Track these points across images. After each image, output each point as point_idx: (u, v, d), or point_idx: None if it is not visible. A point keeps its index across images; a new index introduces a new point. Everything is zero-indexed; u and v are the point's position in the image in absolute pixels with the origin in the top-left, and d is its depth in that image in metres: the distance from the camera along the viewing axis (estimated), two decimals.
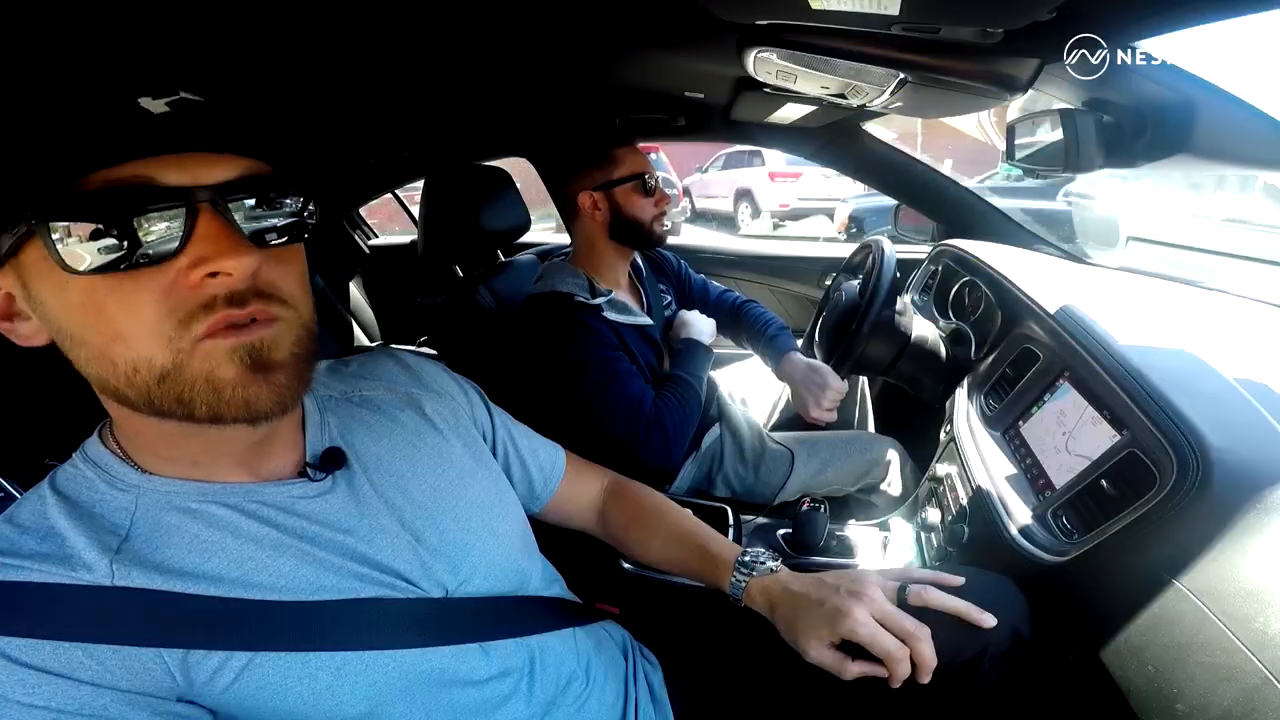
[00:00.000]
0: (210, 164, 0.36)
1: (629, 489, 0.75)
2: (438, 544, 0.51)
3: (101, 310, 0.34)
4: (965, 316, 1.22)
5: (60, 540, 0.39)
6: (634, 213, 1.13)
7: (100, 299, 0.34)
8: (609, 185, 1.12)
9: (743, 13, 0.77)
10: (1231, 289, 1.07)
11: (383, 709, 0.45)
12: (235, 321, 0.36)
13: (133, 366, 0.35)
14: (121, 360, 0.35)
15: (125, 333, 0.35)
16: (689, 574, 0.67)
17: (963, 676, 0.58)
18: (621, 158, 1.14)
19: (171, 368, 0.35)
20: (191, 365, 0.36)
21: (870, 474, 1.22)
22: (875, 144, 1.53)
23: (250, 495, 0.44)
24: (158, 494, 0.41)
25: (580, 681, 0.59)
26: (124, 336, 0.35)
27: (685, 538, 0.68)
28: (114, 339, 0.35)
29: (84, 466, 0.42)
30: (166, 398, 0.36)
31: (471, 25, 0.92)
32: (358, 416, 0.53)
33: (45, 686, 0.34)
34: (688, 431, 1.08)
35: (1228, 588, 0.48)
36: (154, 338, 0.35)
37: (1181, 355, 0.75)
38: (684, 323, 1.23)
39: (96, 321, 0.35)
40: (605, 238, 1.15)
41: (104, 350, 0.35)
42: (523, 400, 0.90)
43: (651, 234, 1.16)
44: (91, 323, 0.35)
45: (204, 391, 0.36)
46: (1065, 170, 0.89)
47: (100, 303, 0.34)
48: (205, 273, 0.35)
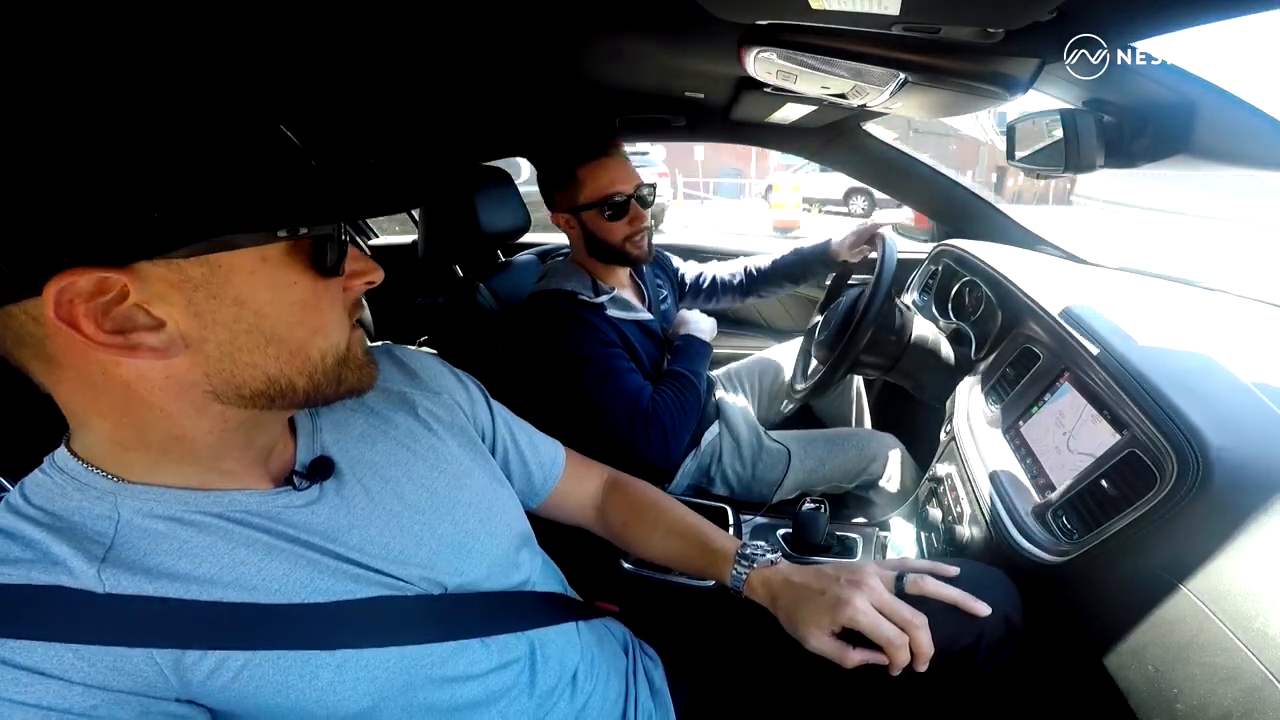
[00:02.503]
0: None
1: (628, 484, 0.76)
2: (434, 546, 0.51)
3: (318, 305, 0.41)
4: (965, 316, 1.22)
5: (44, 548, 0.38)
6: (604, 236, 1.10)
7: (320, 294, 0.41)
8: (575, 209, 1.09)
9: (743, 12, 0.77)
10: (1231, 289, 1.07)
11: (385, 704, 0.45)
12: (359, 315, 0.47)
13: (323, 354, 0.42)
14: (317, 350, 0.42)
15: (328, 324, 0.42)
16: (689, 568, 0.68)
17: (958, 665, 0.58)
18: (585, 179, 1.07)
19: (345, 351, 0.44)
20: (351, 347, 0.45)
21: (868, 470, 1.22)
22: (875, 144, 1.53)
23: (235, 504, 0.44)
24: (137, 500, 0.41)
25: (582, 675, 0.59)
26: (326, 327, 0.42)
27: (685, 532, 0.69)
28: (317, 331, 0.42)
29: (53, 474, 0.41)
30: (330, 376, 0.43)
31: (470, 23, 0.92)
32: (351, 421, 0.53)
33: (38, 686, 0.34)
34: (687, 428, 1.09)
35: (1228, 587, 0.48)
36: (340, 326, 0.44)
37: (1181, 355, 0.75)
38: (683, 320, 1.24)
39: (310, 316, 0.41)
40: (587, 254, 1.15)
41: (303, 344, 0.41)
42: (523, 397, 0.90)
43: (626, 255, 1.12)
44: (305, 318, 0.41)
45: (355, 366, 0.45)
46: (1065, 170, 0.89)
47: (319, 297, 0.41)
48: (366, 280, 0.45)
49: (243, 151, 0.36)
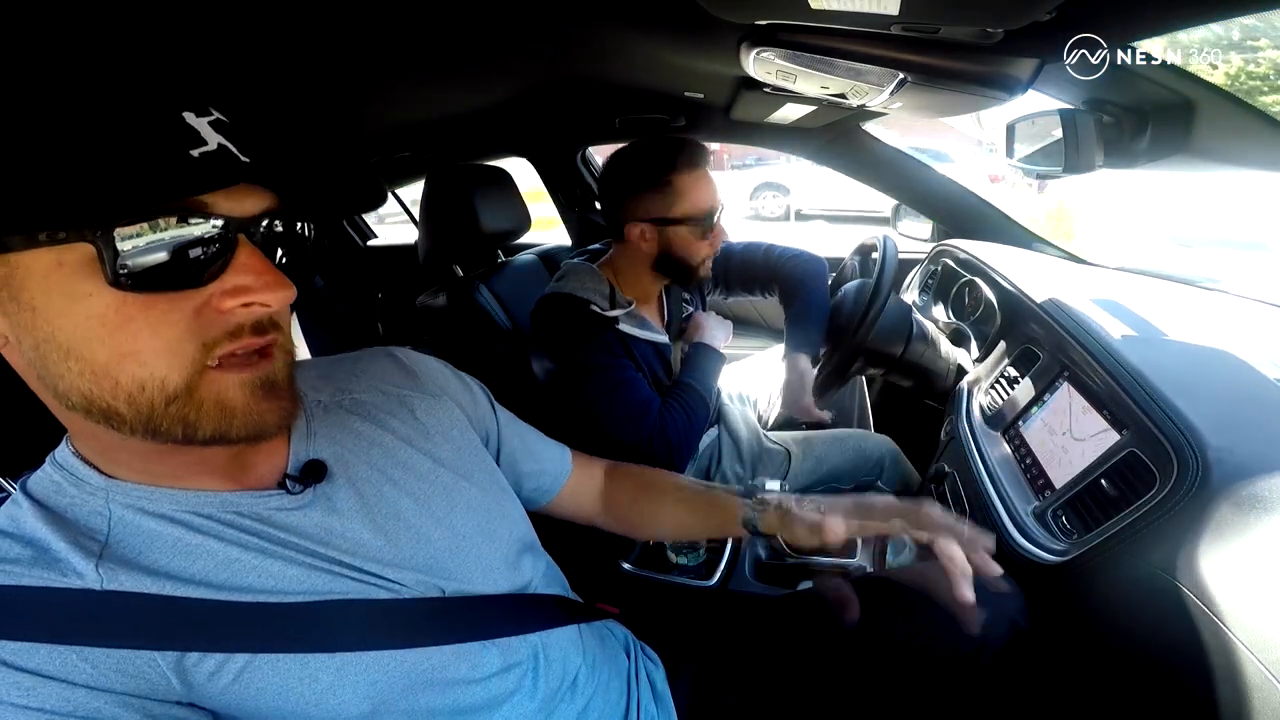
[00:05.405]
0: (247, 194, 0.37)
1: (626, 467, 0.77)
2: (430, 550, 0.50)
3: (124, 325, 0.34)
4: (965, 316, 1.22)
5: (43, 546, 0.38)
6: (685, 254, 1.01)
7: (128, 313, 0.34)
8: (665, 222, 0.98)
9: (742, 13, 0.77)
10: (1231, 289, 1.07)
11: (386, 708, 0.45)
12: (254, 349, 0.37)
13: (139, 384, 0.35)
14: (127, 378, 0.35)
15: (141, 350, 0.34)
16: (703, 529, 0.72)
17: (963, 669, 0.58)
18: (684, 189, 0.97)
19: (184, 389, 0.35)
20: (202, 388, 0.36)
21: (867, 471, 1.22)
22: (875, 144, 1.53)
23: (226, 505, 0.43)
24: (128, 497, 0.41)
25: (584, 678, 0.59)
26: (138, 353, 0.34)
27: (692, 497, 0.71)
28: (126, 355, 0.34)
29: (52, 470, 0.42)
30: (170, 419, 0.36)
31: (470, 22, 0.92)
32: (346, 424, 0.52)
33: (41, 689, 0.34)
34: (693, 441, 1.06)
35: (1227, 587, 0.48)
36: (173, 357, 0.35)
37: (1181, 355, 0.75)
38: (698, 326, 1.15)
39: (112, 336, 0.34)
40: (647, 268, 1.05)
41: (108, 366, 0.34)
42: (527, 397, 0.89)
43: (697, 274, 1.04)
44: (105, 337, 0.34)
45: (213, 413, 0.37)
46: (1065, 170, 0.89)
47: (127, 317, 0.34)
48: (245, 302, 0.36)
49: (4, 142, 0.32)
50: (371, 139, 1.78)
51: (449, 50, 1.05)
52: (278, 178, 0.38)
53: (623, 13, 0.87)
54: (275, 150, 0.38)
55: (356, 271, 2.42)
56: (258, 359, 0.38)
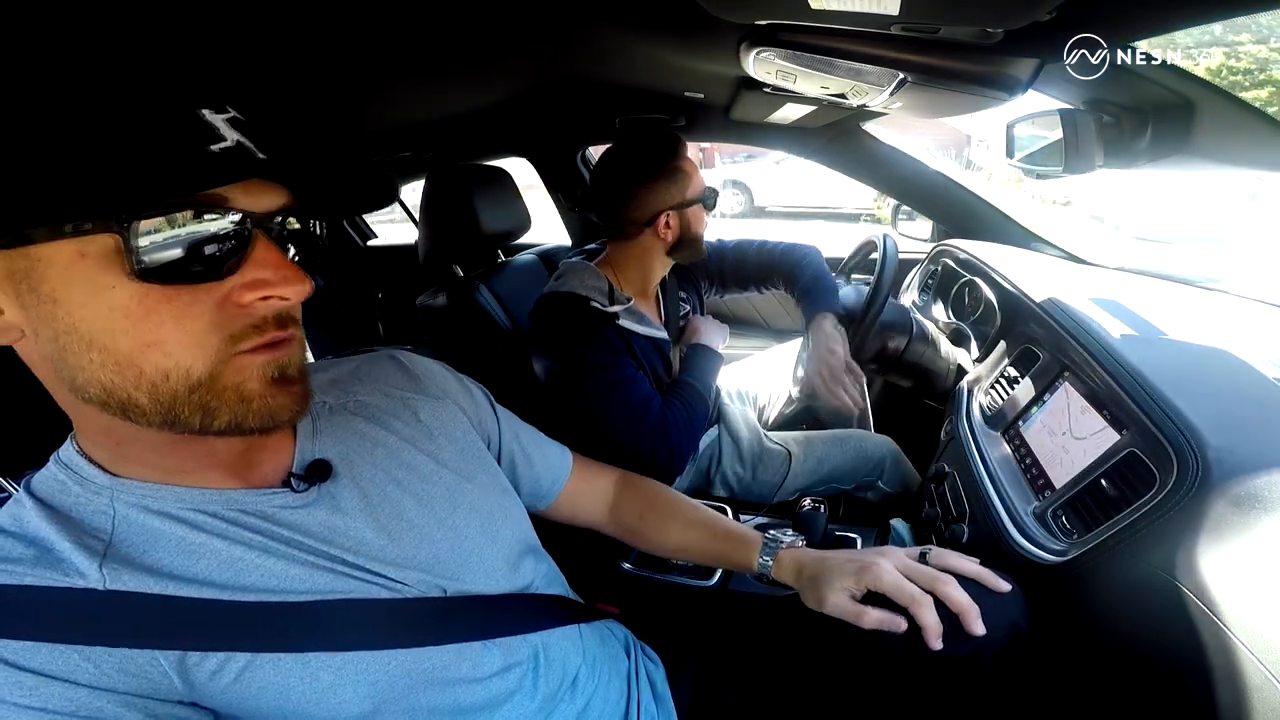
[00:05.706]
0: (264, 191, 0.38)
1: (640, 481, 0.78)
2: (432, 550, 0.51)
3: (147, 316, 0.35)
4: (965, 316, 1.22)
5: (46, 545, 0.38)
6: (698, 230, 1.08)
7: (151, 305, 0.35)
8: (684, 205, 1.04)
9: (742, 12, 0.77)
10: (1231, 289, 1.07)
11: (386, 707, 0.45)
12: (278, 341, 0.39)
13: (164, 374, 0.36)
14: (151, 367, 0.35)
15: (165, 340, 0.35)
16: (708, 556, 0.72)
17: (962, 670, 0.58)
18: (691, 171, 1.04)
19: (207, 378, 0.37)
20: (224, 376, 0.37)
21: (868, 472, 1.22)
22: (875, 144, 1.53)
23: (230, 503, 0.44)
24: (132, 495, 0.41)
25: (584, 677, 0.59)
26: (162, 344, 0.35)
27: (704, 523, 0.73)
28: (150, 346, 0.35)
29: (57, 469, 0.42)
30: (191, 406, 0.37)
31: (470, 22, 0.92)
32: (351, 426, 0.52)
33: (43, 689, 0.34)
34: (693, 439, 1.07)
35: (1227, 587, 0.48)
36: (198, 348, 0.36)
37: (1181, 354, 0.75)
38: (696, 328, 1.18)
39: (135, 327, 0.35)
40: (663, 254, 1.09)
41: (131, 356, 0.35)
42: (528, 400, 0.89)
43: (701, 247, 1.12)
44: (128, 328, 0.35)
45: (232, 401, 0.38)
46: (1065, 171, 0.89)
47: (149, 309, 0.35)
48: (263, 295, 0.37)
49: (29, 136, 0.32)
50: (372, 139, 1.77)
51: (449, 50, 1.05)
52: (294, 174, 0.39)
53: (623, 13, 0.87)
54: (291, 147, 0.39)
55: (357, 271, 2.42)
56: (277, 345, 0.39)
